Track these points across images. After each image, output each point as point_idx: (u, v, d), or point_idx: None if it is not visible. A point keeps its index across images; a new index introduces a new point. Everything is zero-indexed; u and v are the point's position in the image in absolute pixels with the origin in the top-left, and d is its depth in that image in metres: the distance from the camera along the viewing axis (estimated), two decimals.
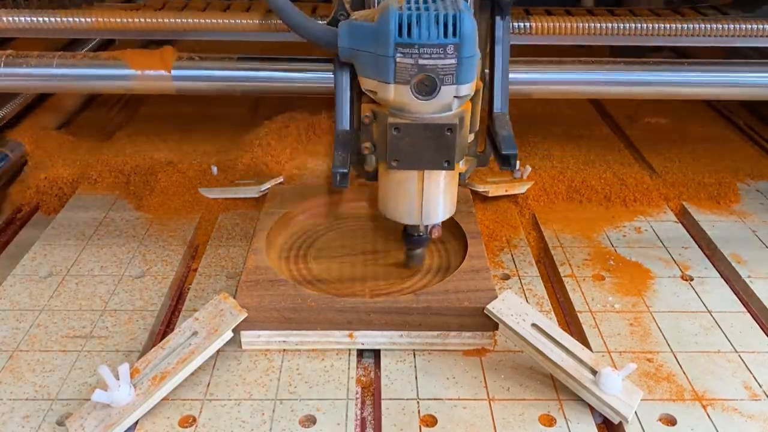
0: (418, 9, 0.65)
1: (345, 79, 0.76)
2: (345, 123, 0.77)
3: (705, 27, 0.99)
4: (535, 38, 1.02)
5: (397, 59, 0.65)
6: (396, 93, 0.68)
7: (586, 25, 1.00)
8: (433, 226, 0.79)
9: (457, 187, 0.78)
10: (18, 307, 0.82)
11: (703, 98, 1.27)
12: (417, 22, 0.64)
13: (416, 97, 0.67)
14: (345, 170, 0.73)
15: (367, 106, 0.72)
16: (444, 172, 0.73)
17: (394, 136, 0.69)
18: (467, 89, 0.68)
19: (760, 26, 0.99)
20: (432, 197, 0.75)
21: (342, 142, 0.75)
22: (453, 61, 0.65)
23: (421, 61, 0.65)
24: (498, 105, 0.81)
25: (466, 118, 0.71)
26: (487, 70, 0.82)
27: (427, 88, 0.67)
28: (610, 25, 1.00)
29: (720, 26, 0.99)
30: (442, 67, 0.65)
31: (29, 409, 0.68)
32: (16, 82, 0.98)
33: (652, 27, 1.00)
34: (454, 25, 0.64)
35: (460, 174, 0.78)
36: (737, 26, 0.99)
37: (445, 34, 0.64)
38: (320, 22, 0.77)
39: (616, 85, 1.00)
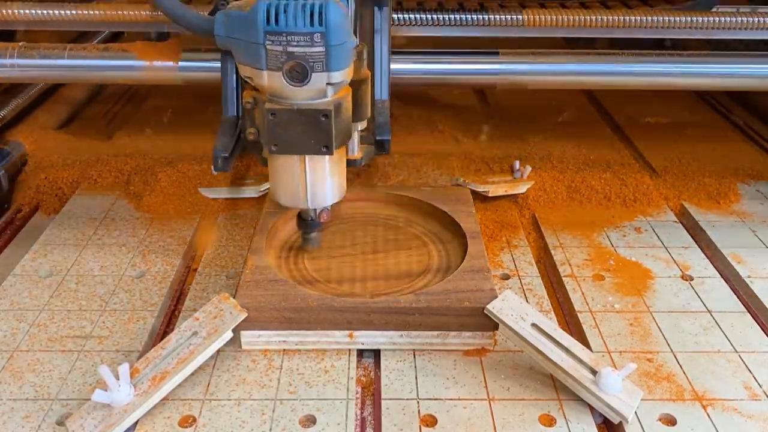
0: None
1: (230, 66, 0.80)
2: (230, 110, 0.81)
3: (696, 20, 1.00)
4: (528, 30, 1.03)
5: (268, 47, 0.69)
6: (269, 79, 0.71)
7: (578, 17, 1.01)
8: (323, 210, 0.81)
9: (345, 171, 0.81)
10: (18, 307, 0.82)
11: (693, 89, 1.29)
12: (284, 11, 0.67)
13: (289, 84, 0.70)
14: (226, 154, 0.76)
15: (249, 93, 0.74)
16: (327, 156, 0.75)
17: (271, 121, 0.72)
18: (340, 76, 0.71)
19: (750, 19, 1.00)
20: (318, 181, 0.77)
21: (226, 128, 0.79)
22: (321, 48, 0.68)
23: (289, 49, 0.68)
24: (378, 92, 0.86)
25: (346, 104, 0.74)
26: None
27: (299, 74, 0.69)
28: (602, 17, 1.01)
29: (710, 19, 1.00)
30: (311, 54, 0.68)
31: (29, 409, 0.68)
32: (28, 73, 1.01)
33: (644, 19, 1.01)
34: (320, 14, 0.67)
35: (355, 160, 0.82)
36: (727, 19, 1.00)
37: (311, 23, 0.67)
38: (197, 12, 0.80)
39: (608, 76, 1.03)
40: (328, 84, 0.71)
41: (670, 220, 1.03)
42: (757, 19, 1.00)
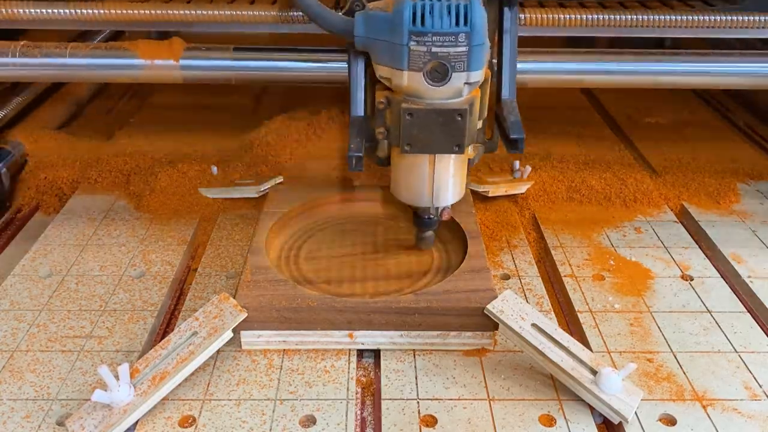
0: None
1: (359, 67, 0.79)
2: (359, 109, 0.80)
3: (694, 18, 1.00)
4: (528, 29, 1.03)
5: (411, 47, 0.69)
6: (409, 79, 0.71)
7: (578, 16, 1.01)
8: (444, 209, 0.82)
9: (467, 171, 0.82)
10: (18, 307, 0.82)
11: (693, 87, 1.29)
12: (430, 12, 0.68)
13: (429, 84, 0.71)
14: (360, 154, 0.75)
15: (381, 93, 0.75)
16: (454, 156, 0.77)
17: (407, 121, 0.73)
18: (477, 76, 0.72)
19: (747, 18, 1.00)
20: (442, 180, 0.78)
21: (357, 128, 0.78)
22: (464, 48, 0.69)
23: (433, 49, 0.69)
24: (506, 92, 0.85)
25: (476, 104, 0.74)
26: (494, 60, 0.85)
27: (439, 74, 0.70)
28: (601, 16, 1.01)
29: (709, 17, 1.00)
30: (453, 54, 0.69)
31: (29, 409, 0.68)
32: (30, 72, 1.01)
33: (643, 18, 1.01)
34: (465, 14, 0.68)
35: (468, 159, 0.81)
36: (725, 18, 1.00)
37: (457, 23, 0.68)
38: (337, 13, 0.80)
39: (612, 75, 1.03)
40: (465, 83, 0.72)
41: (670, 220, 1.03)
42: (757, 18, 1.00)
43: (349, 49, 0.78)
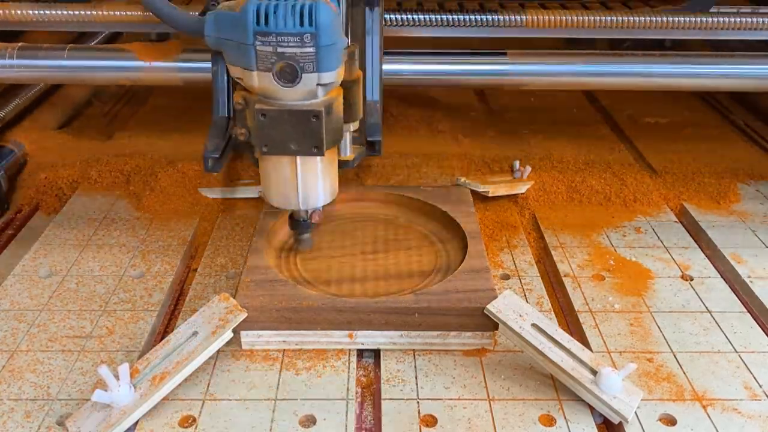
0: None
1: (221, 67, 0.80)
2: (221, 110, 0.81)
3: (697, 20, 1.00)
4: (529, 31, 1.03)
5: (257, 47, 0.69)
6: (260, 80, 0.71)
7: (580, 18, 1.01)
8: (314, 211, 0.81)
9: (337, 172, 0.81)
10: (18, 307, 0.82)
11: (694, 90, 1.29)
12: (274, 12, 0.67)
13: (279, 84, 0.70)
14: (216, 155, 0.77)
15: (239, 93, 0.74)
16: (318, 157, 0.76)
17: (261, 122, 0.72)
18: (330, 77, 0.71)
19: (750, 20, 1.00)
20: (309, 182, 0.77)
21: (217, 128, 0.79)
22: (311, 49, 0.68)
23: (279, 49, 0.68)
24: (369, 93, 0.86)
25: (337, 105, 0.74)
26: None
27: (289, 75, 0.69)
28: (603, 18, 1.01)
29: (711, 19, 1.00)
30: (301, 55, 0.68)
31: (29, 408, 0.68)
32: (27, 74, 1.01)
33: (646, 20, 1.01)
34: (310, 14, 0.67)
35: (347, 161, 0.81)
36: (728, 20, 1.00)
37: (302, 23, 0.67)
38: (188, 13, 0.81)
39: (609, 77, 1.03)
40: (318, 85, 0.71)
41: (670, 220, 1.03)
42: (757, 19, 1.00)
43: (212, 50, 0.78)
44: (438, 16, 1.04)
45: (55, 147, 1.18)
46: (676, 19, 1.01)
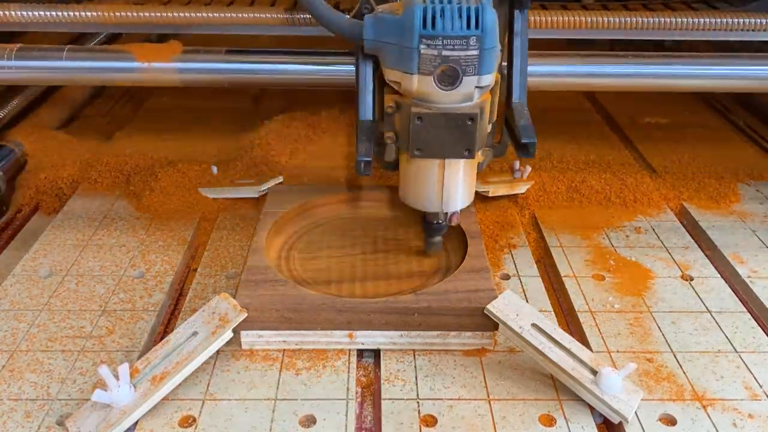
0: (441, 2, 0.68)
1: (368, 70, 0.78)
2: (368, 113, 0.79)
3: (698, 21, 1.00)
4: (531, 32, 1.03)
5: (422, 50, 0.68)
6: (419, 83, 0.70)
7: (580, 18, 1.01)
8: (453, 214, 0.81)
9: (476, 175, 0.81)
10: (18, 307, 0.82)
11: (696, 91, 1.29)
12: (441, 15, 0.67)
13: (439, 88, 0.70)
14: (369, 159, 0.74)
15: (390, 97, 0.74)
16: (463, 160, 0.76)
17: (416, 125, 0.72)
18: (488, 80, 0.71)
19: (753, 20, 1.00)
20: (452, 185, 0.78)
21: (365, 132, 0.77)
22: (475, 52, 0.68)
23: (444, 53, 0.68)
24: (516, 96, 0.84)
25: (487, 108, 0.74)
26: (504, 63, 0.84)
27: (450, 78, 0.69)
28: (603, 19, 1.01)
29: (713, 20, 1.00)
30: (464, 58, 0.68)
31: (29, 408, 0.68)
32: (25, 75, 1.01)
33: (646, 21, 1.01)
34: (477, 17, 0.67)
35: (478, 163, 0.80)
36: (730, 20, 1.00)
37: (468, 26, 0.67)
38: (345, 15, 0.79)
39: (610, 78, 1.03)
40: (476, 87, 0.71)
41: (670, 220, 1.03)
42: (761, 20, 1.00)
43: (357, 53, 0.77)
44: None
45: (55, 147, 1.18)
46: (680, 20, 1.01)
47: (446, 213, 0.81)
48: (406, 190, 0.80)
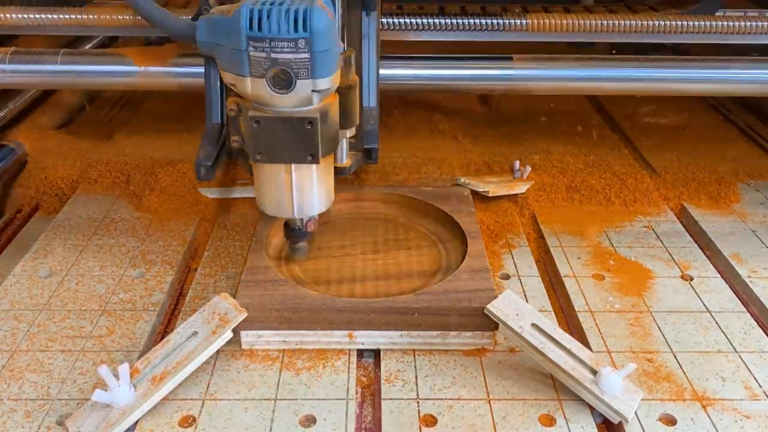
0: (271, 4, 0.67)
1: (213, 73, 0.78)
2: (214, 117, 0.79)
3: (702, 24, 1.00)
4: (532, 35, 1.03)
5: (250, 53, 0.67)
6: (253, 86, 0.69)
7: (582, 22, 1.00)
8: (309, 220, 0.79)
9: (333, 179, 0.79)
10: (18, 307, 0.82)
11: (698, 94, 1.29)
12: (268, 17, 0.65)
13: (273, 91, 0.68)
14: (209, 163, 0.75)
15: (232, 100, 0.73)
16: (314, 165, 0.74)
17: (255, 129, 0.70)
18: (326, 83, 0.69)
19: (756, 23, 1.00)
20: (304, 191, 0.76)
21: (210, 136, 0.77)
22: (306, 55, 0.66)
23: (273, 55, 0.66)
24: (366, 100, 0.84)
25: (332, 111, 0.72)
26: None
27: (283, 81, 0.68)
28: (606, 22, 1.01)
29: (717, 23, 1.00)
30: (295, 61, 0.67)
31: (29, 409, 0.68)
32: (20, 79, 1.00)
33: (649, 24, 1.01)
34: (305, 19, 0.65)
35: (344, 168, 0.80)
36: (733, 24, 1.00)
37: (296, 29, 0.65)
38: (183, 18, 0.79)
39: (613, 82, 1.03)
40: (313, 91, 0.69)
41: (670, 220, 1.03)
42: (764, 23, 1.00)
43: (205, 55, 0.77)
44: (438, 20, 1.03)
45: (55, 147, 1.18)
46: (681, 23, 1.00)
47: (302, 219, 0.79)
48: (260, 196, 0.78)
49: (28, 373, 0.72)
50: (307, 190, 0.76)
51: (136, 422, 0.66)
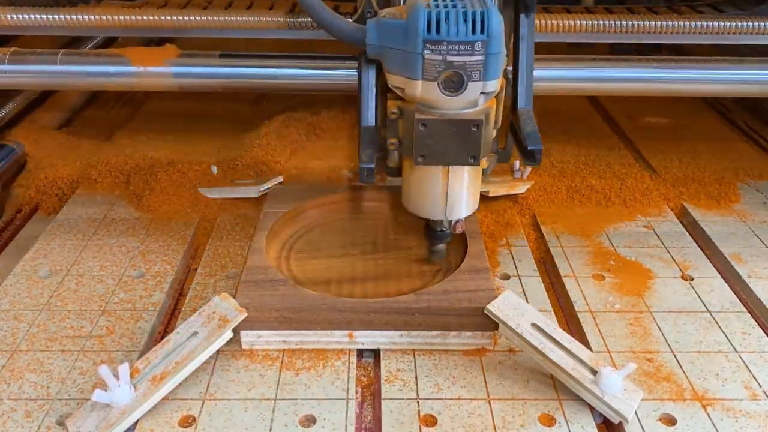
0: (446, 6, 0.66)
1: (370, 75, 0.77)
2: (370, 119, 0.77)
3: (702, 24, 1.00)
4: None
5: (426, 56, 0.66)
6: (423, 89, 0.69)
7: (583, 22, 1.01)
8: (457, 221, 0.80)
9: (480, 183, 0.79)
10: (18, 307, 0.82)
11: (696, 95, 1.29)
12: (446, 19, 0.65)
13: (443, 94, 0.68)
14: (371, 166, 0.73)
15: (393, 102, 0.73)
16: (468, 167, 0.74)
17: (420, 132, 0.70)
18: (494, 85, 0.69)
19: (758, 24, 1.00)
20: (456, 192, 0.76)
21: (368, 139, 0.76)
22: (480, 57, 0.66)
23: (449, 58, 0.66)
24: (522, 102, 0.82)
25: (492, 114, 0.72)
26: (509, 67, 0.83)
27: (455, 84, 0.68)
28: (606, 22, 1.01)
29: (717, 24, 1.00)
30: (469, 63, 0.66)
31: (29, 408, 0.68)
32: (19, 79, 1.00)
33: (649, 24, 1.01)
34: (482, 22, 0.65)
35: (483, 170, 0.79)
36: (735, 24, 1.00)
37: (473, 31, 0.65)
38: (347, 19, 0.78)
39: (612, 82, 1.02)
40: (482, 93, 0.69)
41: (670, 220, 1.03)
42: (766, 23, 1.00)
43: (360, 57, 0.76)
44: None
45: (55, 147, 1.18)
46: (682, 23, 1.00)
47: (450, 221, 0.79)
48: (410, 197, 0.79)
49: (28, 373, 0.72)
50: (459, 192, 0.76)
51: (136, 422, 0.66)
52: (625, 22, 1.01)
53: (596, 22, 1.01)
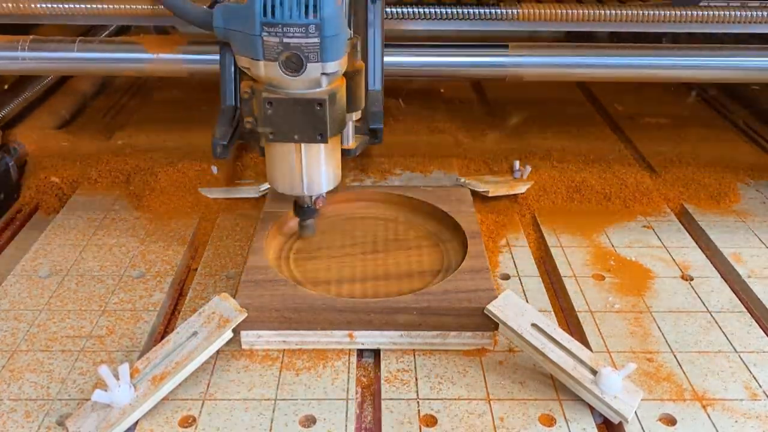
0: None
1: (228, 57, 0.82)
2: (229, 99, 0.83)
3: (695, 13, 1.01)
4: (524, 24, 1.04)
5: (264, 38, 0.71)
6: (266, 70, 0.72)
7: (573, 11, 1.02)
8: (317, 197, 0.83)
9: (340, 159, 0.83)
10: (18, 307, 0.82)
11: (684, 81, 1.31)
12: (280, 3, 0.69)
13: (285, 74, 0.72)
14: (224, 142, 0.78)
15: (246, 83, 0.76)
16: (322, 144, 0.78)
17: (267, 110, 0.74)
18: (334, 66, 0.73)
19: (754, 13, 1.01)
20: (313, 169, 0.80)
21: (225, 117, 0.81)
22: (316, 40, 0.70)
23: (285, 40, 0.70)
24: (371, 83, 0.88)
25: (339, 94, 0.76)
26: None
27: (294, 65, 0.71)
28: (596, 11, 1.02)
29: (703, 13, 1.01)
30: (306, 45, 0.70)
31: (29, 409, 0.68)
32: (38, 65, 1.04)
33: (641, 13, 1.02)
34: (315, 6, 0.69)
35: (349, 150, 0.84)
36: (719, 13, 1.01)
37: (306, 14, 0.69)
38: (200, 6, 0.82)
39: (602, 68, 1.06)
40: (322, 74, 0.72)
41: (670, 220, 1.03)
42: (746, 13, 1.01)
43: (220, 41, 0.80)
44: (436, 10, 1.05)
45: (55, 147, 1.18)
46: (670, 12, 1.01)
47: (311, 196, 0.83)
48: (272, 174, 0.82)
49: (28, 373, 0.72)
50: (315, 168, 0.80)
51: (136, 422, 0.66)
52: (614, 11, 1.02)
53: (584, 11, 1.02)
